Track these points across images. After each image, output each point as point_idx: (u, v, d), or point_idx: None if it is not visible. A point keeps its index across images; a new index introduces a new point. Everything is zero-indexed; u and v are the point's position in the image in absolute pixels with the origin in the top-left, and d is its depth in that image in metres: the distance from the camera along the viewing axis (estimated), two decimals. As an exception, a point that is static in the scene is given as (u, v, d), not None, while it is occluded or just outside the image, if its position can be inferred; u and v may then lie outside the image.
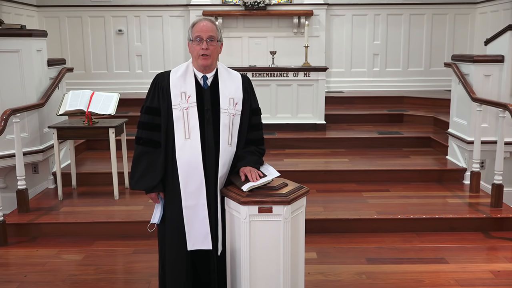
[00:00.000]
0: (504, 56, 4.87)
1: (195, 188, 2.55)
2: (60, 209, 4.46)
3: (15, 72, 4.57)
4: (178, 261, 2.63)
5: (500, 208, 4.38)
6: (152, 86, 2.63)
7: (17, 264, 3.73)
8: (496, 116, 4.69)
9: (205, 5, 8.06)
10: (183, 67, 2.63)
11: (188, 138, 2.54)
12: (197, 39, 2.53)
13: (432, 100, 7.35)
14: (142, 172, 2.59)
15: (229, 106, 2.59)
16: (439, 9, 8.26)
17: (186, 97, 2.56)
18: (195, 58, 2.58)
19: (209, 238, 2.58)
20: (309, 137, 6.08)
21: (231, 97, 2.61)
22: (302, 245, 2.66)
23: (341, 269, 3.58)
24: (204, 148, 2.55)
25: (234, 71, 2.74)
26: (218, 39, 2.57)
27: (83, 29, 8.22)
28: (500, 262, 3.69)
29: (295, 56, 7.64)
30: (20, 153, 4.24)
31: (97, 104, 4.63)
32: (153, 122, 2.60)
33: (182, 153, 2.54)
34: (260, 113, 2.78)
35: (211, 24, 2.56)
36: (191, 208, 2.57)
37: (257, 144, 2.73)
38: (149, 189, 2.61)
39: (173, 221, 2.62)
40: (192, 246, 2.60)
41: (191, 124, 2.54)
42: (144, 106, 2.64)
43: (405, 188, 4.95)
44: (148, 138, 2.60)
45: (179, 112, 2.55)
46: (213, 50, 2.54)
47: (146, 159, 2.59)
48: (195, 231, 2.58)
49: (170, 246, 2.65)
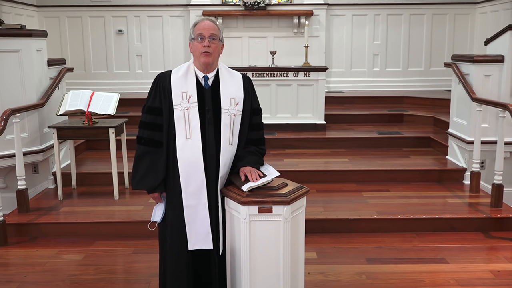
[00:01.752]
0: (504, 56, 4.87)
1: (196, 187, 2.55)
2: (60, 209, 4.46)
3: (15, 72, 4.57)
4: (179, 261, 2.63)
5: (500, 208, 4.38)
6: (153, 86, 2.64)
7: (17, 264, 3.73)
8: (496, 116, 4.69)
9: (205, 5, 8.06)
10: (184, 67, 2.63)
11: (189, 138, 2.54)
12: (199, 37, 2.53)
13: (432, 100, 7.35)
14: (144, 172, 2.59)
15: (230, 106, 2.60)
16: (439, 9, 8.26)
17: (187, 97, 2.56)
18: (196, 57, 2.58)
19: (210, 237, 2.59)
20: (309, 137, 6.08)
21: (232, 97, 2.61)
22: (302, 245, 2.66)
23: (341, 269, 3.58)
24: (205, 148, 2.55)
25: (235, 71, 2.74)
26: (219, 38, 2.58)
27: (83, 29, 8.22)
28: (500, 262, 3.69)
29: (295, 56, 7.64)
30: (20, 153, 4.25)
31: (97, 104, 4.63)
32: (154, 122, 2.60)
33: (183, 153, 2.54)
34: (261, 113, 2.78)
35: (213, 24, 2.57)
36: (192, 207, 2.57)
37: (258, 144, 2.73)
38: (152, 189, 2.61)
39: (174, 221, 2.62)
40: (193, 246, 2.60)
41: (192, 124, 2.55)
42: (145, 106, 2.64)
43: (405, 188, 4.95)
44: (150, 138, 2.60)
45: (180, 112, 2.55)
46: (214, 48, 2.55)
47: (148, 159, 2.59)
48: (196, 230, 2.58)
49: (171, 246, 2.64)
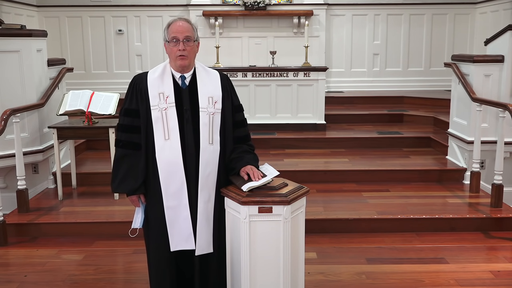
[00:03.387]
0: (504, 56, 4.87)
1: (176, 188, 2.54)
2: (60, 209, 4.46)
3: (15, 72, 4.57)
4: (162, 262, 2.63)
5: (500, 208, 4.38)
6: (130, 88, 2.61)
7: (17, 264, 3.73)
8: (496, 116, 4.69)
9: (205, 5, 8.05)
10: (160, 68, 2.62)
11: (168, 139, 2.53)
12: (174, 40, 2.51)
13: (432, 100, 7.35)
14: (124, 174, 2.57)
15: (208, 105, 2.58)
16: (439, 9, 8.26)
17: (165, 98, 2.55)
18: (172, 59, 2.56)
19: (192, 238, 2.57)
20: (309, 137, 6.08)
21: (210, 95, 2.60)
22: (302, 245, 2.66)
23: (341, 269, 3.58)
24: (184, 148, 2.54)
25: (213, 70, 2.73)
26: (194, 39, 2.55)
27: (83, 29, 8.22)
28: (500, 262, 3.69)
29: (295, 56, 7.63)
30: (20, 153, 4.25)
31: (97, 104, 4.63)
32: (132, 124, 2.58)
33: (162, 154, 2.53)
34: (242, 110, 2.77)
35: (187, 24, 2.54)
36: (173, 208, 2.56)
37: (245, 140, 2.72)
38: (132, 191, 2.59)
39: (155, 223, 2.61)
40: (176, 247, 2.59)
41: (170, 124, 2.53)
42: (122, 109, 2.62)
43: (405, 188, 4.95)
44: (128, 141, 2.58)
45: (158, 113, 2.54)
46: (190, 50, 2.53)
47: (127, 162, 2.57)
48: (178, 231, 2.57)
49: (154, 248, 2.64)
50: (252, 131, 2.95)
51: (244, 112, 2.81)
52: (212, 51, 6.69)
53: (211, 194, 2.60)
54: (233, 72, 6.19)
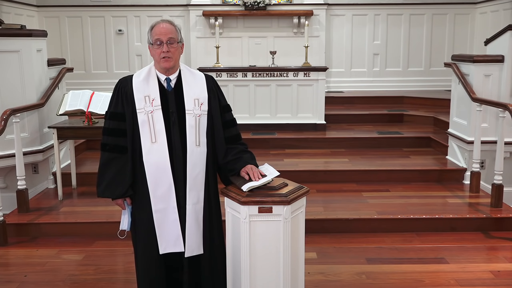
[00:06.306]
0: (504, 56, 4.87)
1: (164, 191, 2.53)
2: (60, 209, 4.46)
3: (15, 72, 4.57)
4: (151, 265, 2.62)
5: (500, 208, 4.38)
6: (115, 92, 2.60)
7: (17, 264, 3.73)
8: (496, 116, 4.69)
9: (205, 5, 8.05)
10: (145, 71, 2.61)
11: (154, 141, 2.52)
12: (157, 42, 2.51)
13: (432, 100, 7.35)
14: (111, 178, 2.56)
15: (194, 107, 2.58)
16: (439, 9, 8.26)
17: (150, 101, 2.54)
18: (157, 61, 2.56)
19: (180, 240, 2.57)
20: (309, 137, 6.07)
21: (196, 97, 2.59)
22: (302, 245, 2.66)
23: (341, 269, 3.58)
24: (171, 151, 2.53)
25: (198, 72, 2.72)
26: (178, 40, 2.55)
27: (83, 29, 8.22)
28: (500, 262, 3.69)
29: (295, 56, 7.63)
30: (20, 153, 4.25)
31: (97, 104, 4.63)
32: (118, 127, 2.57)
33: (149, 157, 2.52)
34: (230, 110, 2.76)
35: (170, 26, 2.54)
36: (161, 211, 2.55)
37: (237, 139, 2.72)
38: (120, 195, 2.58)
39: (143, 226, 2.60)
40: (164, 250, 2.59)
41: (157, 127, 2.53)
42: (108, 112, 2.61)
43: (405, 188, 4.95)
44: (114, 144, 2.57)
45: (144, 116, 2.53)
46: (174, 52, 2.52)
47: (114, 166, 2.56)
48: (166, 234, 2.57)
49: (142, 250, 2.64)
50: (252, 131, 2.95)
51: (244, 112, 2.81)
52: (212, 51, 6.69)
53: (200, 196, 2.60)
54: (233, 72, 6.16)
